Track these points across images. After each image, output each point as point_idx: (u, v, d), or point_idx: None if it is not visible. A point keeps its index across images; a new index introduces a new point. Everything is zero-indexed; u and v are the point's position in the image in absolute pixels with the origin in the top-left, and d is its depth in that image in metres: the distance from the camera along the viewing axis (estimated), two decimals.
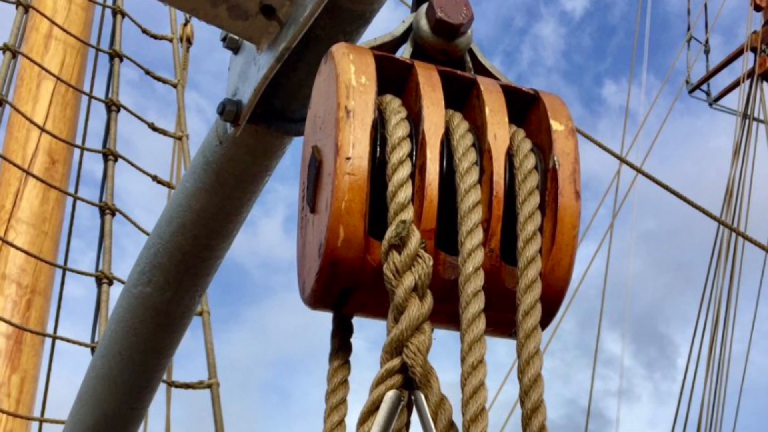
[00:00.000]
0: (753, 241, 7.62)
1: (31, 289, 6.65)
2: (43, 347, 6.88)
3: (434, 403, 1.54)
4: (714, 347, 15.03)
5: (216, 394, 6.29)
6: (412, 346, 1.56)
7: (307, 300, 1.79)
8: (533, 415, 1.53)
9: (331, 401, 1.73)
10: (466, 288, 1.57)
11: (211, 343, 6.54)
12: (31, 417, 6.58)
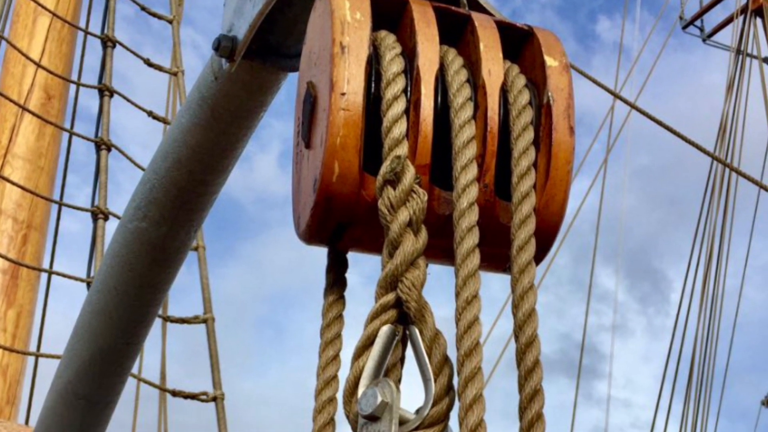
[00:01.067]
0: (746, 176, 7.62)
1: (27, 225, 6.66)
2: (39, 282, 6.91)
3: (429, 337, 1.56)
4: (707, 282, 15.09)
5: (211, 329, 6.32)
6: (407, 281, 1.57)
7: (302, 235, 1.80)
8: (527, 350, 1.54)
9: (326, 336, 1.75)
10: (461, 223, 1.58)
11: (207, 278, 6.57)
12: (27, 351, 6.62)
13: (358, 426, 1.53)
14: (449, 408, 1.53)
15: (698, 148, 6.18)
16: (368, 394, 1.52)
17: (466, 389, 1.47)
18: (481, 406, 1.47)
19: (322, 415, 1.69)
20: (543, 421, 1.52)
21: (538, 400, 1.52)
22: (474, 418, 1.45)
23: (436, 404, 1.52)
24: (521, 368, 1.54)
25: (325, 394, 1.71)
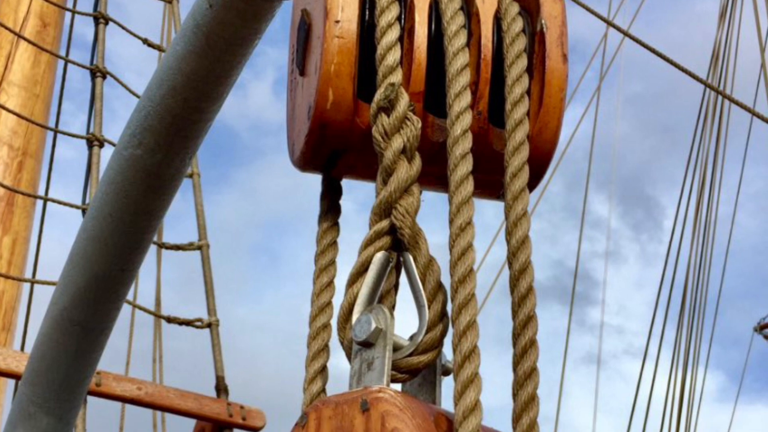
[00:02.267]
0: (739, 103, 7.60)
1: (23, 152, 6.65)
2: (35, 209, 6.91)
3: (422, 264, 1.56)
4: (700, 209, 15.10)
5: (206, 256, 6.33)
6: (401, 208, 1.58)
7: (296, 162, 1.81)
8: (521, 277, 1.55)
9: (321, 262, 1.76)
10: (455, 150, 1.58)
11: (201, 205, 6.57)
12: (23, 278, 6.63)
13: (353, 352, 1.55)
14: (443, 334, 1.54)
15: (691, 76, 6.16)
16: (362, 321, 1.53)
17: (460, 315, 1.48)
18: (475, 332, 1.48)
19: (317, 341, 1.71)
20: (536, 347, 1.53)
21: (531, 326, 1.53)
22: (468, 344, 1.46)
23: (430, 330, 1.53)
24: (515, 295, 1.55)
25: (319, 320, 1.72)
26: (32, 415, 2.28)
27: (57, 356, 2.19)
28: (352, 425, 1.42)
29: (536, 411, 1.50)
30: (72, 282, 2.07)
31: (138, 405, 5.12)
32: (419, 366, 1.53)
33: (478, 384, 1.45)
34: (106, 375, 4.88)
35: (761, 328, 23.53)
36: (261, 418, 5.41)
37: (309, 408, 1.51)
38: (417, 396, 1.60)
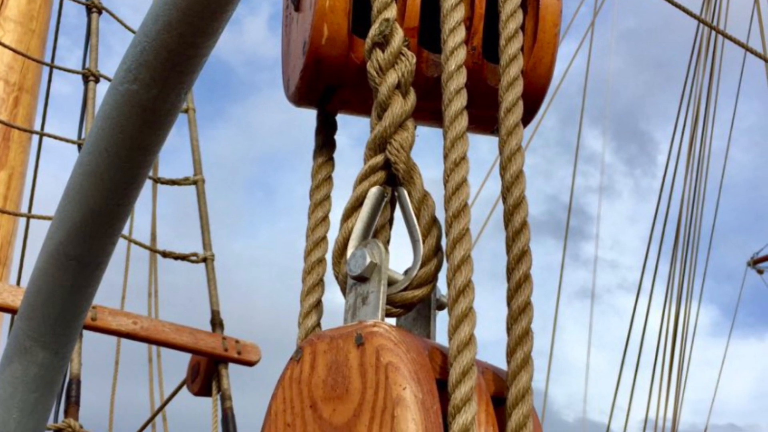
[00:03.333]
0: (732, 39, 7.57)
1: (19, 87, 6.63)
2: (31, 144, 6.90)
3: (417, 199, 1.57)
4: (694, 144, 15.10)
5: (201, 190, 6.34)
6: (395, 143, 1.58)
7: (291, 97, 1.81)
8: (515, 211, 1.56)
9: (315, 197, 1.76)
10: (449, 85, 1.58)
11: (197, 140, 6.57)
12: (19, 213, 6.64)
13: (347, 286, 1.56)
14: (437, 269, 1.55)
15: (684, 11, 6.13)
16: (357, 255, 1.54)
17: (454, 250, 1.49)
18: (469, 266, 1.49)
19: (312, 276, 1.72)
20: (530, 282, 1.53)
21: (525, 261, 1.54)
22: (462, 279, 1.47)
23: (425, 265, 1.54)
24: (509, 229, 1.55)
25: (314, 255, 1.73)
26: (28, 350, 2.29)
27: (53, 291, 2.20)
28: (346, 359, 1.43)
29: (530, 345, 1.51)
30: (68, 217, 2.07)
31: (133, 339, 5.15)
32: (414, 300, 1.54)
33: (472, 318, 1.46)
34: (101, 309, 4.91)
35: (754, 262, 23.63)
36: (256, 352, 5.44)
37: (304, 342, 1.52)
38: (411, 330, 1.61)
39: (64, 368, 2.43)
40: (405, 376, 1.36)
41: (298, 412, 1.47)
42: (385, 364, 1.37)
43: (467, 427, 1.38)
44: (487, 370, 1.53)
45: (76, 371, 4.84)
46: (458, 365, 1.41)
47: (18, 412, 2.36)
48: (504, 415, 1.48)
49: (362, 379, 1.39)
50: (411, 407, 1.34)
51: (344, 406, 1.40)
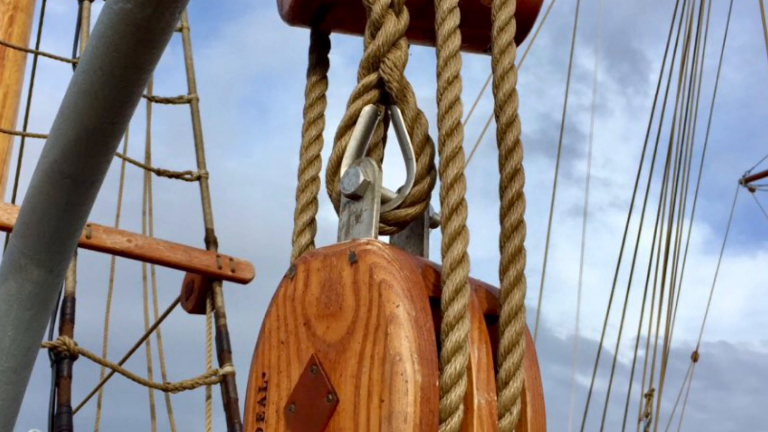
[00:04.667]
0: None
1: (14, 6, 6.59)
2: (26, 63, 6.88)
3: (410, 117, 1.57)
4: (686, 63, 15.05)
5: (195, 109, 6.32)
6: (389, 62, 1.58)
7: (285, 16, 1.80)
8: (508, 130, 1.56)
9: (309, 116, 1.76)
10: (442, 4, 1.57)
11: (191, 59, 6.54)
12: (14, 131, 6.63)
13: (341, 205, 1.56)
14: (431, 187, 1.56)
15: None
16: (350, 173, 1.54)
17: (448, 168, 1.49)
18: (462, 184, 1.49)
19: (305, 194, 1.72)
20: (523, 200, 1.54)
21: (518, 179, 1.54)
22: (455, 197, 1.48)
23: (418, 183, 1.55)
24: (501, 148, 1.55)
25: (308, 173, 1.73)
26: (23, 267, 2.30)
27: (47, 209, 2.20)
28: (340, 277, 1.44)
29: (523, 263, 1.52)
30: (62, 135, 2.07)
31: (128, 257, 5.17)
32: (407, 218, 1.55)
33: (465, 236, 1.46)
34: (96, 227, 4.92)
35: (746, 180, 23.65)
36: (250, 270, 5.46)
37: (297, 260, 1.53)
38: (405, 248, 1.62)
39: (58, 286, 2.45)
40: (398, 294, 1.37)
41: (292, 329, 1.48)
42: (378, 281, 1.38)
43: (460, 344, 1.39)
44: (479, 287, 1.54)
45: (70, 289, 4.86)
46: (451, 283, 1.43)
47: (13, 329, 2.38)
48: (497, 332, 1.49)
49: (355, 296, 1.40)
50: (404, 325, 1.35)
51: (338, 323, 1.42)
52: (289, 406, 1.45)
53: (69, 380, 4.45)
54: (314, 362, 1.43)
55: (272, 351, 1.51)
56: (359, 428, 1.34)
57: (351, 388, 1.37)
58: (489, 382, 1.45)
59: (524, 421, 1.48)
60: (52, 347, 4.51)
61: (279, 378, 1.48)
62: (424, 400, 1.32)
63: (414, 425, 1.30)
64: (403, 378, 1.32)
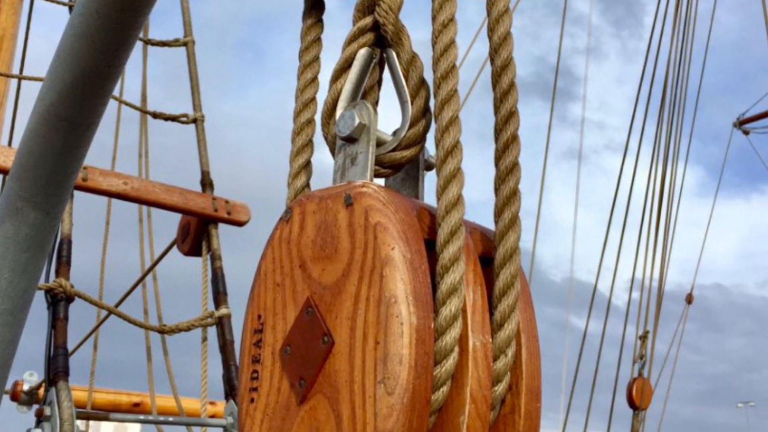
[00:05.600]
0: None
1: None
2: (22, 6, 6.85)
3: (405, 60, 1.57)
4: (680, 5, 14.99)
5: (191, 52, 6.30)
6: (384, 5, 1.58)
7: None
8: (503, 72, 1.56)
9: (305, 59, 1.76)
10: None
11: (187, 2, 6.51)
12: (10, 74, 6.61)
13: (336, 147, 1.56)
14: (426, 129, 1.56)
15: None
16: (346, 116, 1.54)
17: (443, 111, 1.49)
18: (457, 127, 1.49)
19: (301, 136, 1.72)
20: (518, 143, 1.54)
21: (513, 121, 1.54)
22: (450, 140, 1.48)
23: (413, 126, 1.55)
24: (497, 90, 1.56)
25: (303, 116, 1.73)
26: (19, 210, 2.31)
27: (44, 151, 2.21)
28: (335, 219, 1.44)
29: (518, 205, 1.52)
30: (59, 78, 2.07)
31: (124, 199, 5.17)
32: (402, 161, 1.55)
33: (460, 179, 1.47)
34: (92, 170, 4.91)
35: (740, 123, 23.61)
36: (246, 212, 5.47)
37: (293, 203, 1.53)
38: (400, 191, 1.63)
39: (55, 228, 2.46)
40: (393, 236, 1.37)
41: (288, 271, 1.49)
42: (373, 224, 1.39)
43: (455, 286, 1.40)
44: (475, 230, 1.55)
45: (67, 231, 4.86)
46: (446, 225, 1.43)
47: (9, 271, 2.39)
48: (492, 274, 1.50)
49: (351, 239, 1.41)
50: (399, 267, 1.35)
51: (333, 265, 1.42)
52: (285, 348, 1.46)
53: (65, 322, 4.46)
54: (310, 304, 1.44)
55: (268, 293, 1.51)
56: (354, 370, 1.35)
57: (346, 330, 1.37)
58: (484, 325, 1.46)
59: (519, 362, 1.49)
60: (49, 289, 4.52)
61: (275, 320, 1.49)
62: (420, 342, 1.33)
63: (409, 367, 1.31)
64: (398, 320, 1.33)
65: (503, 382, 1.47)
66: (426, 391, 1.33)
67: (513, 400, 1.48)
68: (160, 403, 7.38)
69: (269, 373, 1.48)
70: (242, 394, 1.53)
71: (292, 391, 1.44)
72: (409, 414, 1.31)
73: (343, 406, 1.35)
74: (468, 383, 1.40)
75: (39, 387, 6.65)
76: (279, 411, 1.46)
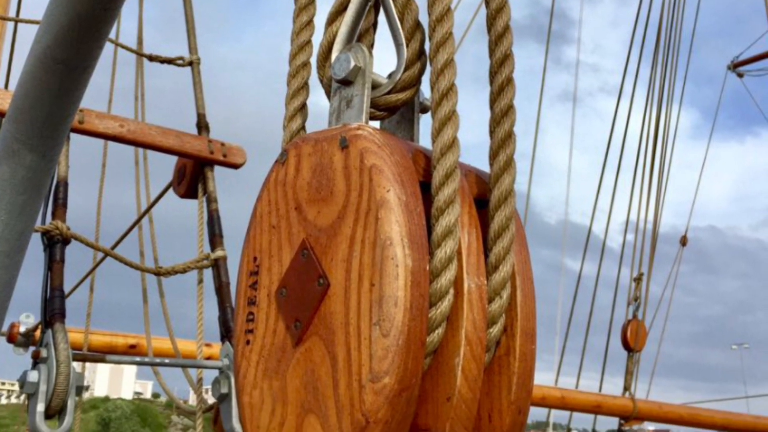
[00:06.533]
0: None
1: None
2: None
3: (401, 3, 1.57)
4: None
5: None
6: None
7: None
8: (497, 15, 1.56)
9: (301, 1, 1.75)
10: None
11: None
12: (6, 17, 6.58)
13: (332, 90, 1.57)
14: (421, 72, 1.56)
15: None
16: (341, 59, 1.54)
17: (438, 54, 1.49)
18: (453, 70, 1.49)
19: (296, 79, 1.72)
20: (513, 85, 1.55)
21: (508, 64, 1.55)
22: (445, 82, 1.48)
23: (408, 69, 1.55)
24: (491, 33, 1.56)
25: (299, 58, 1.73)
26: (16, 152, 2.31)
27: (40, 94, 2.21)
28: (331, 162, 1.45)
29: (513, 148, 1.53)
30: (55, 21, 2.07)
31: (120, 142, 5.16)
32: (397, 103, 1.56)
33: (455, 121, 1.47)
34: (88, 113, 4.90)
35: (735, 66, 23.53)
36: (241, 155, 5.46)
37: (289, 145, 1.53)
38: (395, 133, 1.63)
39: (51, 171, 2.46)
40: (389, 179, 1.38)
41: (283, 214, 1.49)
42: (369, 166, 1.39)
43: (450, 228, 1.41)
44: (470, 172, 1.55)
45: (63, 174, 4.86)
46: (441, 168, 1.44)
47: (6, 214, 2.40)
48: (487, 216, 1.51)
49: (346, 181, 1.41)
50: (395, 209, 1.36)
51: (329, 208, 1.43)
52: (281, 290, 1.47)
53: (62, 264, 4.47)
54: (305, 246, 1.44)
55: (264, 235, 1.52)
56: (350, 312, 1.36)
57: (342, 272, 1.38)
58: (479, 267, 1.47)
59: (514, 304, 1.50)
60: (45, 231, 4.52)
61: (270, 262, 1.50)
62: (415, 284, 1.34)
63: (404, 309, 1.32)
64: (393, 262, 1.33)
65: (498, 324, 1.48)
66: (421, 333, 1.34)
67: (508, 341, 1.49)
68: (156, 345, 7.40)
69: (265, 315, 1.49)
70: (238, 336, 1.54)
71: (287, 333, 1.45)
72: (405, 356, 1.32)
73: (338, 348, 1.36)
74: (463, 325, 1.41)
75: (35, 329, 6.68)
76: (275, 353, 1.47)
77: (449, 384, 1.40)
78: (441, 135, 1.46)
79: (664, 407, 11.84)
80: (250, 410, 1.49)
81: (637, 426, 11.69)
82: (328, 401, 1.36)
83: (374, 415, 1.31)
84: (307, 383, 1.40)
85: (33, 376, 4.01)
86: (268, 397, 1.46)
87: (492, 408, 1.49)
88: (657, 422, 12.54)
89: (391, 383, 1.31)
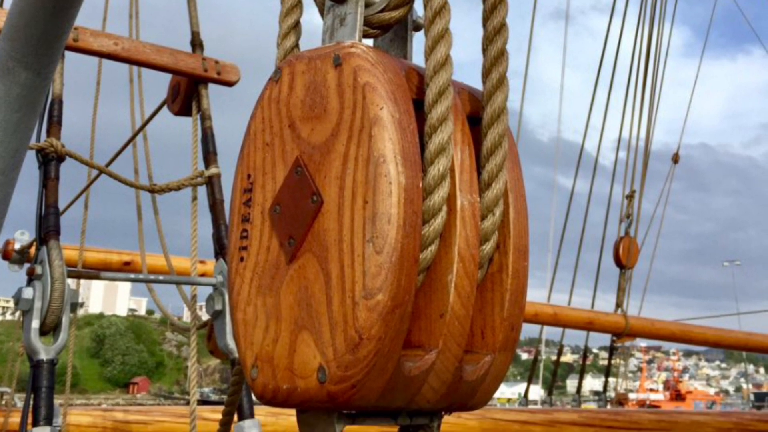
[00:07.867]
0: None
1: None
2: None
3: None
4: None
5: None
6: None
7: None
8: None
9: None
10: None
11: None
12: None
13: (325, 8, 1.56)
14: None
15: None
16: None
17: None
18: None
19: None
20: (505, 3, 1.53)
21: None
22: (438, 0, 1.48)
23: None
24: None
25: None
26: (11, 70, 2.30)
27: (35, 12, 2.20)
28: (324, 80, 1.45)
29: (505, 65, 1.53)
30: None
31: (114, 60, 5.14)
32: (391, 21, 1.55)
33: (448, 39, 1.47)
34: (83, 30, 4.88)
35: None
36: (235, 72, 5.44)
37: (282, 63, 1.54)
38: (388, 51, 1.63)
39: (46, 88, 2.46)
40: (382, 96, 1.38)
41: (277, 131, 1.50)
42: (362, 84, 1.39)
43: (443, 146, 1.41)
44: (462, 90, 1.55)
45: (58, 91, 4.84)
46: (434, 85, 1.44)
47: (1, 131, 2.40)
48: (480, 134, 1.52)
49: (340, 99, 1.42)
50: (388, 126, 1.36)
51: (322, 125, 1.43)
52: (274, 207, 1.48)
53: (56, 182, 4.47)
54: (299, 164, 1.45)
55: (257, 153, 1.53)
56: (343, 229, 1.37)
57: (335, 189, 1.39)
58: (472, 184, 1.47)
59: (507, 221, 1.51)
60: (40, 149, 4.52)
61: (264, 179, 1.51)
62: (408, 202, 1.35)
63: (398, 226, 1.33)
64: (386, 179, 1.34)
65: (491, 241, 1.49)
66: (414, 250, 1.35)
67: (501, 258, 1.51)
68: (150, 262, 7.43)
69: (259, 232, 1.50)
70: (232, 253, 1.55)
71: (281, 250, 1.46)
72: (398, 273, 1.33)
73: (331, 264, 1.38)
74: (456, 242, 1.42)
75: (30, 246, 6.70)
76: (268, 269, 1.48)
77: (442, 301, 1.42)
78: (434, 53, 1.46)
79: (656, 324, 11.93)
80: (244, 327, 1.51)
81: (629, 342, 11.77)
82: (321, 318, 1.38)
83: (367, 332, 1.33)
84: (301, 300, 1.41)
85: (28, 293, 4.03)
86: (261, 313, 1.48)
87: (485, 324, 1.50)
88: (649, 339, 12.62)
89: (384, 300, 1.32)
